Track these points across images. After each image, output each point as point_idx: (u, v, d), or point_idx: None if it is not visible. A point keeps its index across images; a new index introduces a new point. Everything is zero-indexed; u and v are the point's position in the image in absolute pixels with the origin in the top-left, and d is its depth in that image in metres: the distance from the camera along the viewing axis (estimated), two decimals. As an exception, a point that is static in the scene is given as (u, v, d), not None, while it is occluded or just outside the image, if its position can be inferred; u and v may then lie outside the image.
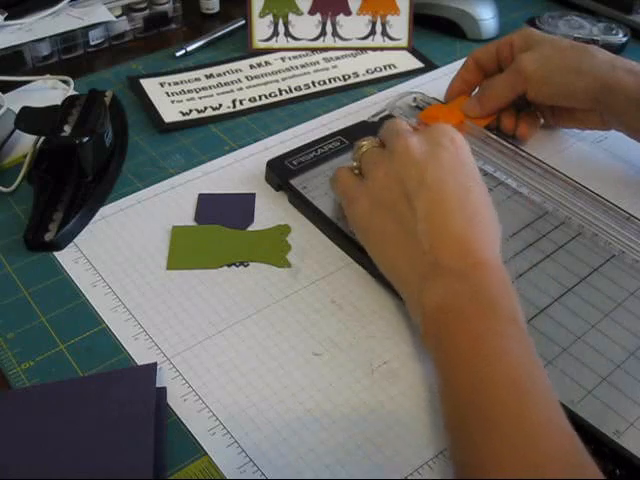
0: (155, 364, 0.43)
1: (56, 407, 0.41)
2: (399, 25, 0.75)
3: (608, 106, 0.56)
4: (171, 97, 0.68)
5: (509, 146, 0.59)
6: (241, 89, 0.69)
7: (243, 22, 0.77)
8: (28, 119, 0.56)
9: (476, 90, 0.63)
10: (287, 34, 0.74)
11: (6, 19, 0.71)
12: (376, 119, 0.62)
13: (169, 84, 0.69)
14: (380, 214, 0.45)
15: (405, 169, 0.44)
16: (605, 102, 0.55)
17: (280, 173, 0.56)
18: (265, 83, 0.70)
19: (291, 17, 0.74)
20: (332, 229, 0.52)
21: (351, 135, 0.60)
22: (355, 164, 0.50)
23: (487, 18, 0.76)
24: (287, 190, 0.56)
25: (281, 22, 0.74)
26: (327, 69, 0.72)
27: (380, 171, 0.46)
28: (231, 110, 0.66)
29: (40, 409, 0.41)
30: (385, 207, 0.45)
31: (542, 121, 0.63)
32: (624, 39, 0.74)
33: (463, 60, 0.73)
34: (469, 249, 0.41)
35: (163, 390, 0.42)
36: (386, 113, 0.63)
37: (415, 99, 0.65)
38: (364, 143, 0.50)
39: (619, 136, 0.63)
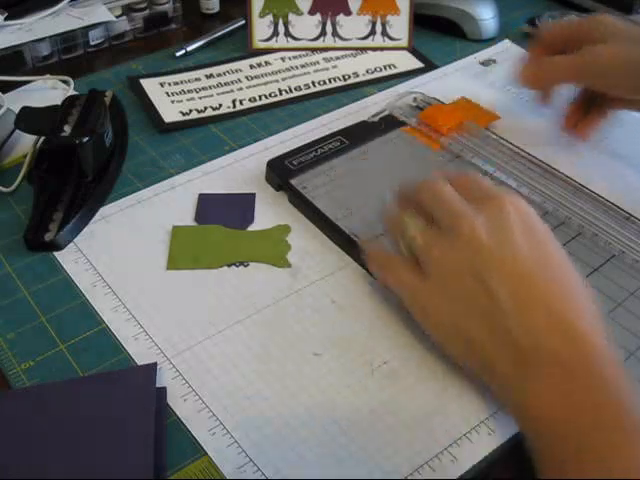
0: (155, 364, 0.43)
1: (56, 407, 0.41)
2: (399, 25, 0.75)
3: None
4: (171, 97, 0.68)
5: (509, 146, 0.59)
6: (241, 89, 0.69)
7: (243, 22, 0.77)
8: (28, 119, 0.56)
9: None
10: (287, 34, 0.74)
11: (6, 19, 0.71)
12: (376, 119, 0.62)
13: (169, 84, 0.69)
14: (457, 311, 0.40)
15: (476, 256, 0.40)
16: None
17: (280, 173, 0.56)
18: (265, 83, 0.70)
19: (291, 17, 0.74)
20: (332, 229, 0.52)
21: (351, 135, 0.60)
22: (405, 252, 0.44)
23: (487, 18, 0.76)
24: (287, 190, 0.55)
25: (281, 22, 0.74)
26: (327, 69, 0.72)
27: (447, 262, 0.41)
28: (231, 110, 0.66)
29: (40, 409, 0.41)
30: (461, 302, 0.40)
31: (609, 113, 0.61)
32: (624, 39, 0.74)
33: (463, 60, 0.73)
34: (574, 330, 0.37)
35: (163, 390, 0.42)
36: (386, 113, 0.63)
37: (415, 99, 0.65)
38: (409, 226, 0.44)
39: (619, 136, 0.63)
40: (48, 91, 0.68)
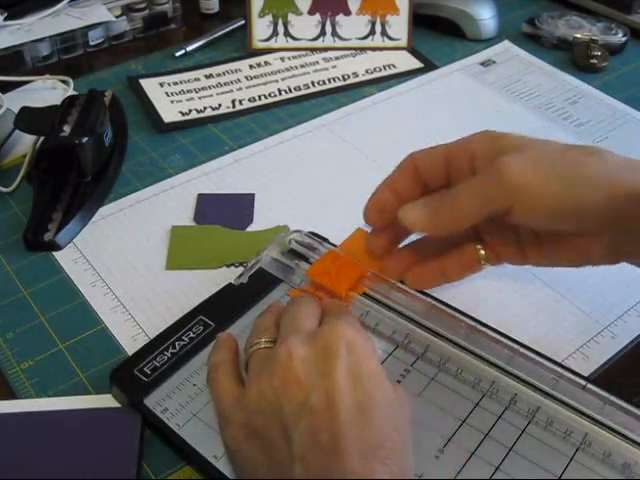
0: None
1: (37, 438, 0.39)
2: (399, 25, 0.75)
3: (630, 229, 0.38)
4: (170, 97, 0.68)
5: (431, 302, 0.45)
6: (240, 89, 0.69)
7: (243, 22, 0.77)
8: (28, 119, 0.56)
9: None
10: (286, 34, 0.74)
11: (6, 19, 0.71)
12: (245, 279, 0.47)
13: (168, 84, 0.70)
14: (251, 444, 0.35)
15: (284, 388, 0.34)
16: (626, 224, 0.38)
17: (130, 389, 0.41)
18: (264, 83, 0.70)
19: (290, 17, 0.74)
20: (211, 472, 0.38)
21: (216, 311, 0.46)
22: (244, 363, 0.40)
23: (486, 18, 0.76)
24: (142, 414, 0.41)
25: (280, 22, 0.74)
26: (327, 69, 0.72)
27: (257, 385, 0.35)
28: (230, 110, 0.66)
29: (21, 438, 0.39)
30: (257, 435, 0.35)
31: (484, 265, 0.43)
32: (623, 39, 0.74)
33: (462, 60, 0.73)
34: None
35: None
36: (257, 268, 0.48)
37: (290, 241, 0.50)
38: (261, 338, 0.39)
39: (619, 136, 0.63)
40: (48, 91, 0.68)
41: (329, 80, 0.71)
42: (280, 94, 0.69)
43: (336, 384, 0.33)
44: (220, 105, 0.67)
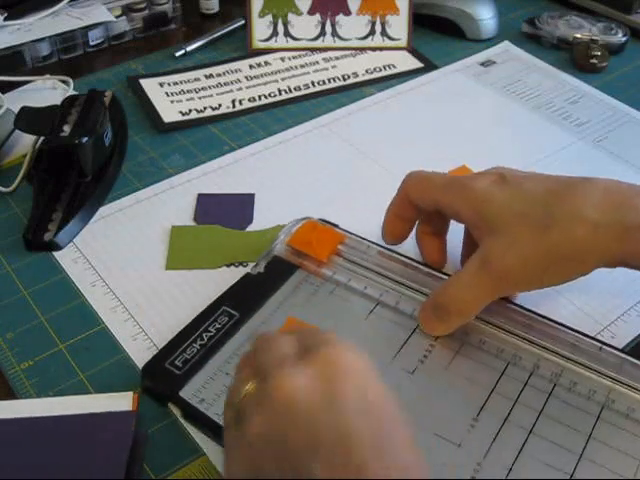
0: (134, 413, 0.40)
1: (24, 445, 0.39)
2: (398, 25, 0.75)
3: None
4: (170, 97, 0.68)
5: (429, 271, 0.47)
6: (240, 89, 0.69)
7: (243, 22, 0.77)
8: (28, 119, 0.56)
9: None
10: (286, 34, 0.74)
11: (6, 19, 0.71)
12: (261, 269, 0.48)
13: (168, 84, 0.70)
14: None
15: (288, 426, 0.30)
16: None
17: (163, 383, 0.41)
18: (264, 83, 0.70)
19: (290, 17, 0.74)
20: None
21: (238, 300, 0.46)
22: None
23: (486, 18, 0.76)
24: (179, 406, 0.41)
25: (280, 22, 0.74)
26: (327, 69, 0.72)
27: (255, 427, 0.31)
28: (230, 110, 0.66)
29: (12, 444, 0.39)
30: (260, 471, 0.30)
31: None
32: (623, 39, 0.74)
33: (462, 61, 0.73)
34: None
35: (142, 435, 0.40)
36: (272, 256, 0.49)
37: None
38: (247, 386, 0.32)
39: (619, 136, 0.63)
40: (48, 91, 0.68)
41: (329, 80, 0.71)
42: (280, 94, 0.69)
43: (347, 417, 0.30)
44: (220, 105, 0.67)
